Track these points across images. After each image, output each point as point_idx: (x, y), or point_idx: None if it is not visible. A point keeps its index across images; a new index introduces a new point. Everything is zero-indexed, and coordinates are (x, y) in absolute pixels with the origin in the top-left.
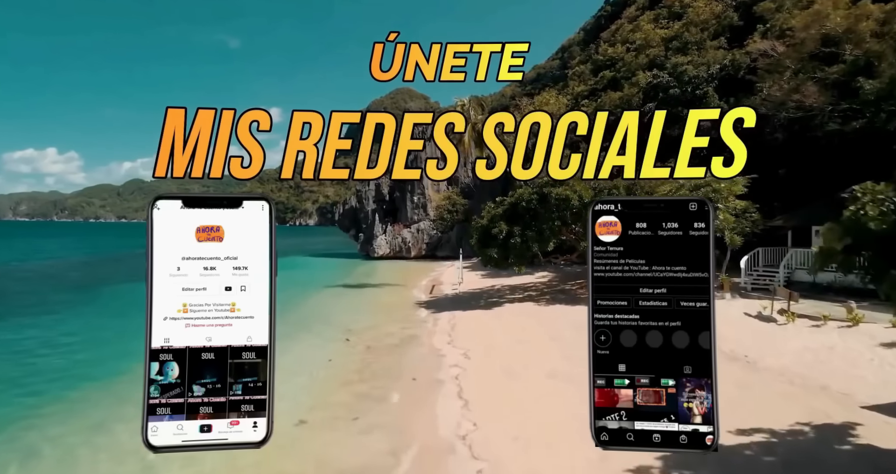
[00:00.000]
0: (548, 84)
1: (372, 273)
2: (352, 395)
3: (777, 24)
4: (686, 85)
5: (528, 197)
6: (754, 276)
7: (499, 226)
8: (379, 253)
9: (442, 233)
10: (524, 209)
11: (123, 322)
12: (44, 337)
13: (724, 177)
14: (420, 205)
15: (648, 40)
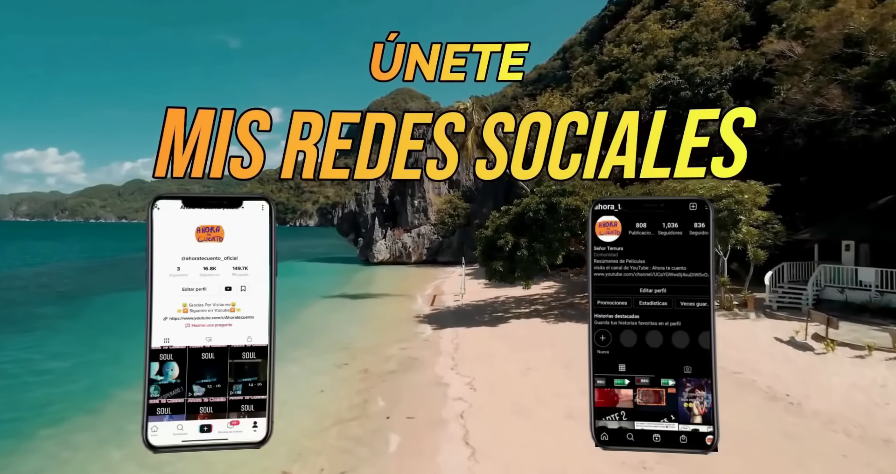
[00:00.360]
0: (550, 85)
1: (371, 280)
2: (343, 439)
3: (793, 24)
4: (698, 87)
5: (535, 206)
6: (779, 293)
7: (505, 238)
8: (379, 258)
9: (443, 237)
10: (531, 219)
11: (116, 340)
12: (27, 360)
13: (724, 177)
14: (421, 209)
15: (656, 41)
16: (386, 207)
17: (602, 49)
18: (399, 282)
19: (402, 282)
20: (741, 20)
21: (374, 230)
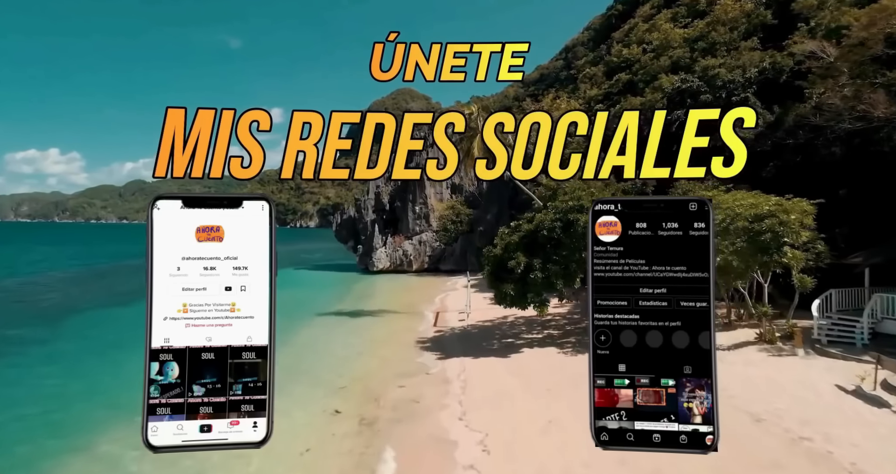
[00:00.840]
0: (554, 85)
1: (371, 293)
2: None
3: (823, 23)
4: (719, 90)
5: (549, 224)
6: (828, 325)
7: (516, 258)
8: (378, 266)
9: (445, 245)
10: (545, 238)
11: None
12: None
13: (724, 177)
14: (422, 215)
15: (668, 41)
16: (386, 213)
17: (610, 49)
18: (400, 295)
19: (404, 295)
20: (762, 19)
21: (373, 237)
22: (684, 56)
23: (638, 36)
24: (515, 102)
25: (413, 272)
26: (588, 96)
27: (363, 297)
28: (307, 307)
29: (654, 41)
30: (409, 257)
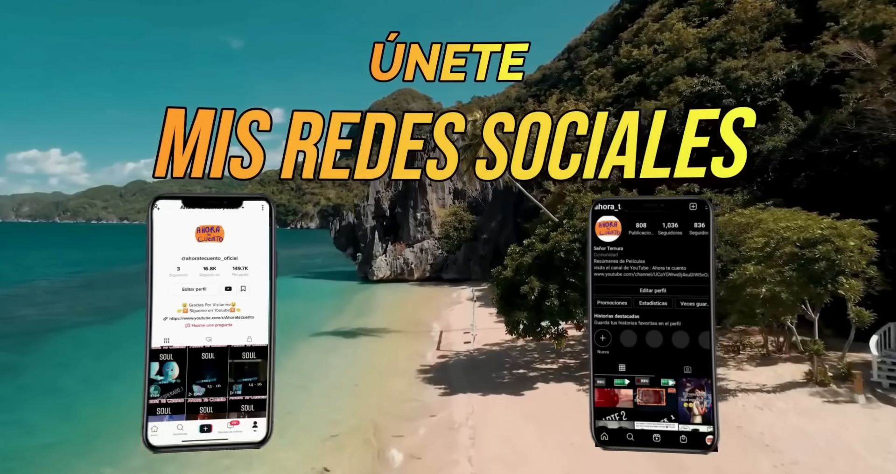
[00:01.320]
0: (557, 86)
1: (370, 307)
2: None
3: (856, 22)
4: (743, 94)
5: (567, 245)
6: (888, 364)
7: (530, 283)
8: (379, 275)
9: (448, 252)
10: (562, 260)
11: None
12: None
13: (725, 177)
14: (424, 222)
15: (682, 41)
16: (386, 220)
17: (617, 50)
18: (401, 309)
19: (405, 309)
20: (785, 18)
21: (373, 244)
22: (701, 57)
23: (648, 36)
24: (517, 103)
25: (414, 281)
26: (597, 98)
27: (361, 311)
28: (303, 324)
29: (665, 41)
30: (410, 265)
